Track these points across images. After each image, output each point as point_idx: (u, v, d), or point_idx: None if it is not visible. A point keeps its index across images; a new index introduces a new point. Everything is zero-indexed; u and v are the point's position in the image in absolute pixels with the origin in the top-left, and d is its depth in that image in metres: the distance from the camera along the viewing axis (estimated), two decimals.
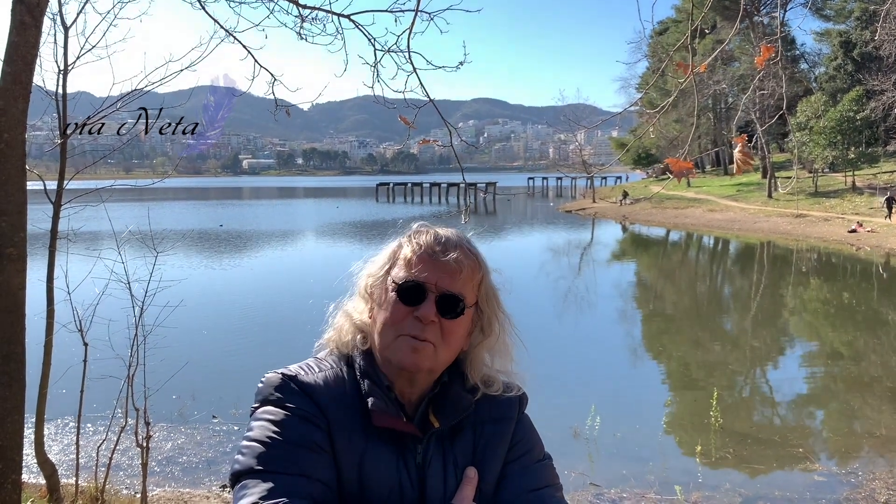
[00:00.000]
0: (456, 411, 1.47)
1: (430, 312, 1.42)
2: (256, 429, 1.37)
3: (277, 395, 1.40)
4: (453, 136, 3.26)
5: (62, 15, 5.18)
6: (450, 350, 1.47)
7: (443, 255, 1.46)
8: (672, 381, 12.44)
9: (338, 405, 1.41)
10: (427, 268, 1.45)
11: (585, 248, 35.85)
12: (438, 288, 1.44)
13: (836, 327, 17.05)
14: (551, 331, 15.73)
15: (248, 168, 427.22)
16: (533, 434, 1.58)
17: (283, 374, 1.44)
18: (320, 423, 1.37)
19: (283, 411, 1.37)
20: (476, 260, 1.51)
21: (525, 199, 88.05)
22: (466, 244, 1.52)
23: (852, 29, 53.32)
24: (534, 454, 1.54)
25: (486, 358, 1.55)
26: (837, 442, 9.15)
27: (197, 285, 20.05)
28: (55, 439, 8.29)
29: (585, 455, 8.44)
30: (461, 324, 1.47)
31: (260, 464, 1.31)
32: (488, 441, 1.50)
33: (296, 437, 1.34)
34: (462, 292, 1.46)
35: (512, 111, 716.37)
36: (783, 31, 57.83)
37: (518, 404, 1.58)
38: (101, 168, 30.04)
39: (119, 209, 7.26)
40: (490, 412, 1.53)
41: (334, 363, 1.50)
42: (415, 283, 1.44)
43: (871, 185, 42.96)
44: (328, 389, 1.42)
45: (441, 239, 1.49)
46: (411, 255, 1.48)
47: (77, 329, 5.02)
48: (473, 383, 1.54)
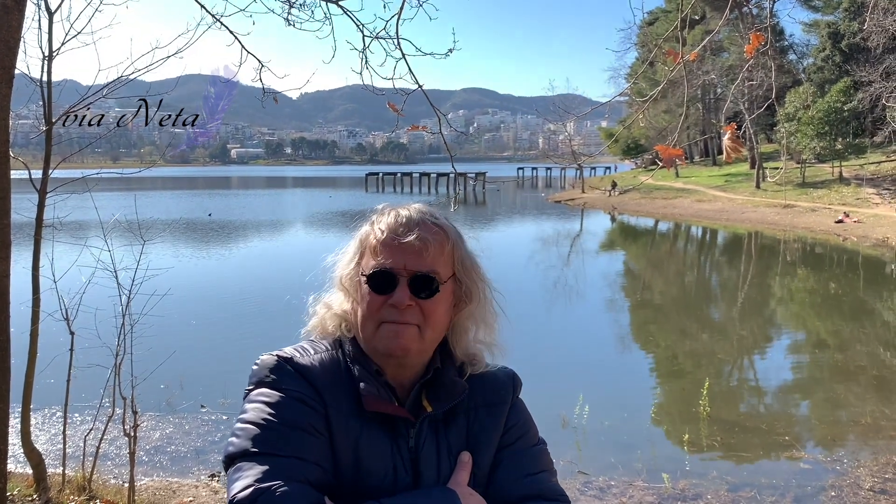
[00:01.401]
0: (449, 396, 1.46)
1: (403, 297, 1.40)
2: (251, 411, 1.35)
3: (273, 376, 1.38)
4: (442, 124, 3.25)
5: (47, 1, 5.11)
6: (435, 329, 1.45)
7: (406, 235, 1.43)
8: (660, 371, 12.50)
9: (334, 388, 1.40)
10: (392, 252, 1.43)
11: (574, 238, 35.92)
12: (408, 270, 1.42)
13: (822, 317, 17.17)
14: (540, 320, 15.76)
15: (236, 157, 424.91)
16: (527, 419, 1.57)
17: (278, 355, 1.42)
18: (317, 406, 1.36)
19: (278, 393, 1.36)
20: (442, 232, 1.48)
21: (515, 189, 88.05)
22: (430, 219, 1.49)
23: (840, 20, 53.46)
24: (528, 439, 1.54)
25: (470, 326, 1.54)
26: (823, 430, 9.23)
27: (185, 275, 19.97)
28: (42, 429, 8.24)
29: (573, 443, 8.48)
30: (440, 301, 1.45)
31: (255, 446, 1.30)
32: (482, 426, 1.49)
33: (291, 419, 1.33)
34: (434, 269, 1.43)
35: (502, 101, 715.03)
36: (772, 21, 57.99)
37: (511, 389, 1.58)
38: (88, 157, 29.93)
39: (106, 198, 7.19)
40: (483, 397, 1.52)
41: (329, 346, 1.48)
42: (384, 272, 1.42)
43: (859, 176, 43.22)
44: (324, 372, 1.41)
45: (402, 219, 1.46)
46: (375, 243, 1.46)
47: (63, 318, 4.98)
48: (460, 360, 1.52)
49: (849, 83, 43.87)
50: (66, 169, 5.72)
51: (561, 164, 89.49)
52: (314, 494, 1.28)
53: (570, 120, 28.06)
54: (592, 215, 48.77)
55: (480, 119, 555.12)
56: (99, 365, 5.53)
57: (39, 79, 5.14)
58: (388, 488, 1.37)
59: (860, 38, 45.40)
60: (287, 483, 1.25)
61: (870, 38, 39.86)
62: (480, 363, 1.55)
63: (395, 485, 1.38)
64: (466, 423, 1.49)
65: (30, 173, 5.04)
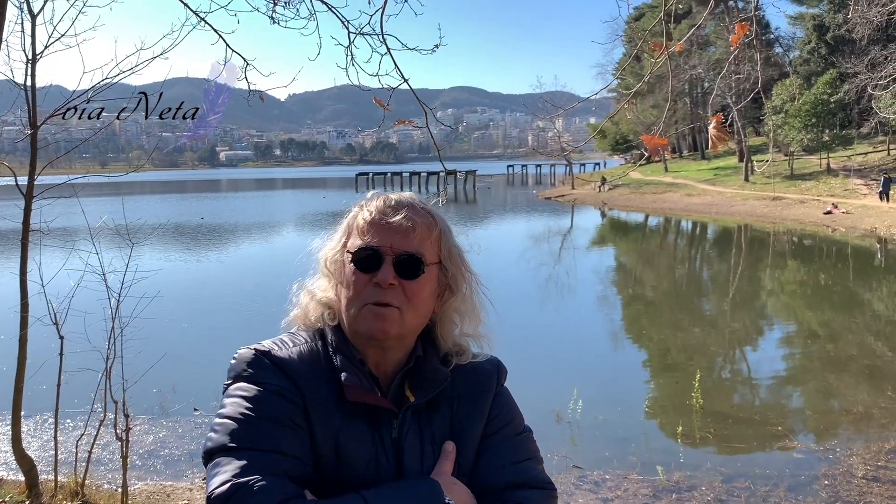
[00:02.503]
0: (432, 385, 1.45)
1: (387, 275, 1.39)
2: (229, 405, 1.34)
3: (250, 370, 1.38)
4: (429, 118, 3.24)
5: (29, 3, 5.07)
6: (417, 313, 1.45)
7: (393, 216, 1.43)
8: (653, 364, 12.54)
9: (312, 380, 1.38)
10: (379, 232, 1.43)
11: (565, 235, 35.98)
12: (394, 250, 1.41)
13: (812, 308, 17.27)
14: (533, 317, 15.78)
15: (225, 160, 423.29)
16: (512, 407, 1.56)
17: (255, 349, 1.41)
18: (295, 399, 1.35)
19: (256, 387, 1.35)
20: (430, 216, 1.48)
21: (505, 186, 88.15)
22: (419, 203, 1.49)
23: (825, 12, 53.72)
24: (513, 427, 1.53)
25: (456, 318, 1.53)
26: (816, 420, 9.28)
27: (176, 277, 19.89)
28: (35, 435, 8.19)
29: (568, 438, 8.50)
30: (424, 284, 1.44)
31: (233, 441, 1.29)
32: (466, 415, 1.48)
33: (270, 412, 1.32)
34: (420, 251, 1.43)
35: (490, 99, 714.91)
36: (757, 15, 58.24)
37: (496, 377, 1.56)
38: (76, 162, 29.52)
39: (95, 203, 7.15)
40: (467, 386, 1.51)
41: (309, 338, 1.47)
42: (369, 249, 1.42)
43: (846, 167, 43.48)
44: (302, 364, 1.40)
45: (391, 201, 1.47)
46: (363, 223, 1.45)
47: (52, 322, 4.94)
48: (445, 350, 1.52)
49: (835, 75, 44.11)
50: (54, 175, 5.68)
51: (551, 161, 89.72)
52: (293, 488, 1.28)
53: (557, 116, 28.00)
54: (583, 211, 48.87)
55: (469, 117, 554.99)
56: (89, 369, 5.50)
57: (24, 83, 5.10)
58: (370, 479, 1.36)
59: (845, 30, 45.57)
60: (265, 477, 1.24)
61: (855, 30, 40.03)
62: (467, 354, 1.54)
63: (378, 476, 1.37)
64: (450, 412, 1.48)
65: (16, 179, 4.99)
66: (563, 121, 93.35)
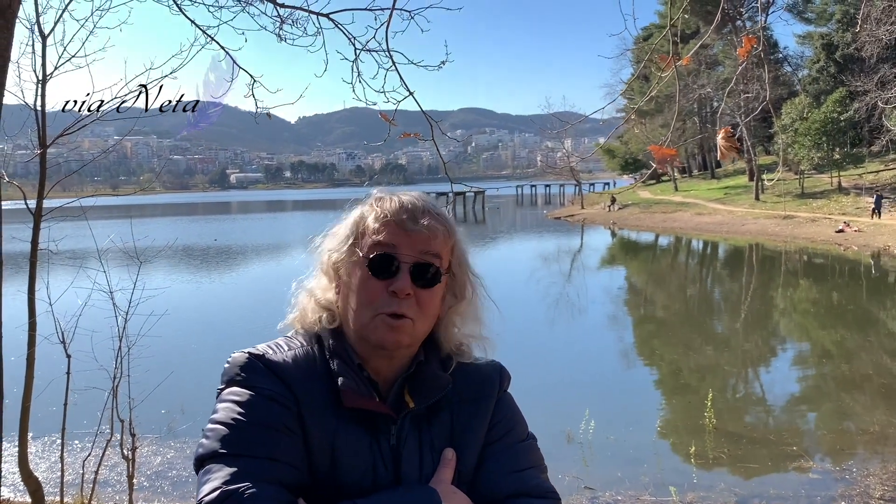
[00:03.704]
0: (432, 391, 1.41)
1: (405, 285, 1.35)
2: (221, 411, 1.31)
3: (243, 374, 1.34)
4: (435, 131, 3.23)
5: (40, 24, 5.12)
6: (427, 321, 1.41)
7: (413, 223, 1.38)
8: (665, 384, 12.42)
9: (308, 385, 1.34)
10: (397, 237, 1.38)
11: (575, 255, 35.89)
12: (412, 257, 1.37)
13: (826, 327, 17.09)
14: (544, 337, 15.70)
15: (235, 182, 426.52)
16: (514, 414, 1.51)
17: (249, 353, 1.38)
18: (289, 404, 1.31)
19: (249, 392, 1.31)
20: (447, 225, 1.44)
21: (514, 206, 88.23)
22: (434, 208, 1.44)
23: (834, 31, 53.80)
24: (515, 434, 1.48)
25: (458, 321, 1.49)
26: (831, 440, 9.14)
27: (185, 297, 19.92)
28: (42, 455, 8.17)
29: (580, 459, 8.39)
30: (437, 292, 1.41)
31: (224, 447, 1.25)
32: (466, 421, 1.44)
33: (262, 418, 1.28)
34: (436, 259, 1.40)
35: (499, 120, 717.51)
36: (766, 34, 58.36)
37: (498, 383, 1.52)
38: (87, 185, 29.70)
39: (104, 225, 7.19)
40: (469, 391, 1.47)
41: (305, 341, 1.43)
42: (387, 255, 1.37)
43: (857, 185, 43.28)
44: (297, 369, 1.36)
45: (407, 205, 1.41)
46: (378, 225, 1.40)
47: (60, 341, 4.93)
48: (447, 352, 1.48)
49: (844, 93, 44.05)
50: (64, 197, 5.72)
51: (560, 181, 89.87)
52: (285, 495, 1.24)
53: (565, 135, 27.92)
54: (592, 231, 48.79)
55: (478, 138, 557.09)
56: (96, 388, 5.48)
57: (34, 103, 5.14)
58: (367, 487, 1.32)
59: (854, 48, 45.61)
60: (256, 484, 1.21)
61: (864, 48, 40.06)
62: (468, 354, 1.50)
63: (376, 484, 1.33)
64: (450, 418, 1.43)
65: (25, 200, 5.01)
66: (572, 141, 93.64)
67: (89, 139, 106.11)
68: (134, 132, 6.12)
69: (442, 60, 3.76)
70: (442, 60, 3.76)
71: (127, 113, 5.68)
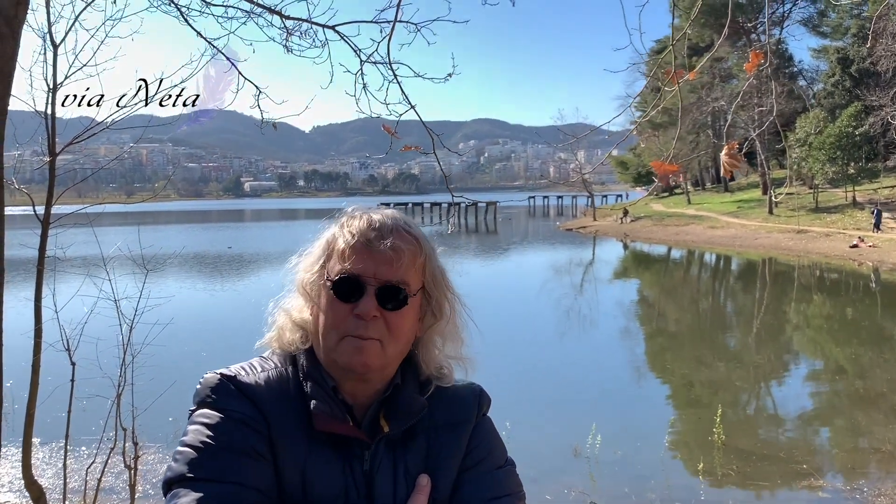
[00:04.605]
0: (407, 415, 1.38)
1: (370, 308, 1.32)
2: (191, 433, 1.29)
3: (214, 396, 1.32)
4: (436, 143, 3.22)
5: (51, 34, 5.15)
6: (399, 343, 1.38)
7: (378, 243, 1.35)
8: (674, 399, 12.31)
9: (279, 407, 1.32)
10: (363, 258, 1.35)
11: (587, 267, 35.76)
12: (377, 279, 1.34)
13: (839, 343, 16.91)
14: (553, 349, 15.62)
15: (249, 190, 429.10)
16: (493, 439, 1.47)
17: (221, 374, 1.36)
18: (259, 427, 1.29)
19: (218, 414, 1.29)
20: (416, 242, 1.41)
21: (526, 217, 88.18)
22: (404, 226, 1.41)
23: (849, 45, 53.56)
24: (492, 460, 1.44)
25: (438, 342, 1.46)
26: (843, 458, 9.02)
27: (197, 305, 19.98)
28: (49, 462, 8.18)
29: (586, 474, 8.32)
30: (407, 314, 1.38)
31: (191, 471, 1.23)
32: (442, 447, 1.40)
33: (230, 442, 1.26)
34: (404, 280, 1.36)
35: (512, 131, 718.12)
36: (781, 48, 58.19)
37: (476, 407, 1.48)
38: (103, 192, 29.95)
39: (118, 233, 7.23)
40: (445, 416, 1.43)
41: (280, 362, 1.41)
42: (351, 277, 1.34)
43: (872, 200, 42.93)
44: (269, 391, 1.34)
45: (375, 224, 1.38)
46: (344, 247, 1.37)
47: (65, 348, 4.94)
48: (427, 375, 1.45)
49: (859, 108, 43.79)
50: (79, 203, 5.73)
51: (572, 193, 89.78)
52: None
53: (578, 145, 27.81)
54: (604, 243, 48.64)
55: (491, 149, 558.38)
56: (100, 396, 5.49)
57: (44, 111, 5.17)
58: None
59: (870, 62, 45.35)
60: None
61: (879, 63, 39.85)
62: (449, 377, 1.47)
63: None
64: (426, 443, 1.40)
65: (34, 207, 5.04)
66: (585, 152, 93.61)
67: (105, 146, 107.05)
68: (149, 140, 6.15)
69: (448, 73, 3.75)
70: (448, 73, 3.75)
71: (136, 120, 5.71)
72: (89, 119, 5.99)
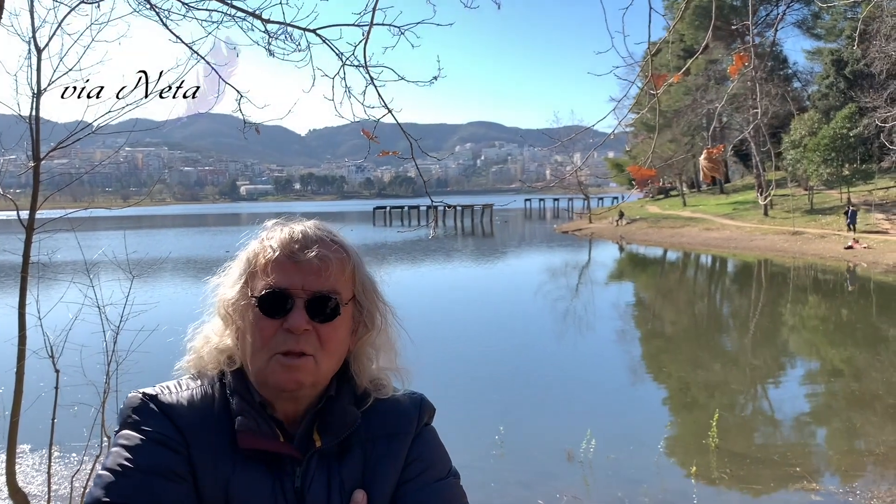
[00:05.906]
0: (340, 428, 1.33)
1: (300, 321, 1.27)
2: (111, 455, 1.25)
3: (135, 417, 1.27)
4: (415, 149, 3.19)
5: (35, 38, 5.11)
6: (332, 357, 1.33)
7: (303, 254, 1.30)
8: (670, 402, 12.29)
9: (201, 426, 1.27)
10: (288, 271, 1.30)
11: (583, 269, 35.77)
12: (306, 291, 1.29)
13: (835, 345, 16.91)
14: (549, 352, 15.60)
15: (245, 194, 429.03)
16: (435, 449, 1.41)
17: (143, 393, 1.31)
18: (178, 448, 1.24)
19: (138, 435, 1.25)
20: (343, 251, 1.36)
21: (522, 220, 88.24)
22: (328, 236, 1.37)
23: (843, 47, 53.68)
24: (434, 472, 1.38)
25: (371, 353, 1.41)
26: (837, 460, 9.00)
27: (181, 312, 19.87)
28: (31, 470, 8.11)
29: (580, 478, 8.29)
30: (339, 326, 1.33)
31: (108, 495, 1.19)
32: (379, 459, 1.35)
33: (149, 464, 1.22)
34: (334, 289, 1.31)
35: (508, 134, 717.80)
36: (776, 50, 58.31)
37: (417, 417, 1.42)
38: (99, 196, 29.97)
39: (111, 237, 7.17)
40: (383, 427, 1.38)
41: (206, 380, 1.36)
42: (277, 291, 1.29)
43: (867, 202, 42.99)
44: (192, 409, 1.29)
45: (297, 235, 1.34)
46: (266, 262, 1.32)
47: (49, 355, 4.90)
48: (363, 388, 1.40)
49: (854, 109, 43.85)
50: (75, 207, 5.69)
51: (568, 195, 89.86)
52: None
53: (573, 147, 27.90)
54: (600, 245, 48.67)
55: (487, 152, 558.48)
56: (84, 403, 5.44)
57: (28, 115, 5.12)
58: None
59: (864, 64, 45.45)
60: None
61: (873, 65, 39.94)
62: (388, 388, 1.42)
63: None
64: (363, 456, 1.34)
65: (18, 212, 4.98)
66: (581, 155, 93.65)
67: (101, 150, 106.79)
68: (145, 143, 6.11)
69: (434, 76, 3.72)
70: (434, 76, 3.72)
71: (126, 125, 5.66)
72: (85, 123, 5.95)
